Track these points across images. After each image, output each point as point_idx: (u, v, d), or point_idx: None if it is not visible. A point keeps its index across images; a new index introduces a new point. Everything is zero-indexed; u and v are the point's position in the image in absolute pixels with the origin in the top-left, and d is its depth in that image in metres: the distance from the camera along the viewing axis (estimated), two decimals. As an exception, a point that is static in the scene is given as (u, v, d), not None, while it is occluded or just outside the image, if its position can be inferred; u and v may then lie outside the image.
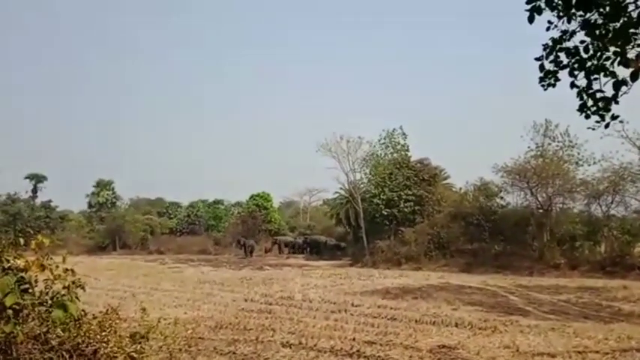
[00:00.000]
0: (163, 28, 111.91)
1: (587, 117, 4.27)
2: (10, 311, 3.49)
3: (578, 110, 4.27)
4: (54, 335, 3.60)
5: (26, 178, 57.83)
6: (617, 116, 4.22)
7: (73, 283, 3.87)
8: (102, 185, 61.24)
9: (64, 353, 3.52)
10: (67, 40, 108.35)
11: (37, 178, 58.32)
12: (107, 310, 4.05)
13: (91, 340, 3.74)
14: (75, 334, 3.67)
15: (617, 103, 4.06)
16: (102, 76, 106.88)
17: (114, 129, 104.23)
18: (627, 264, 24.81)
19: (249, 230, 51.25)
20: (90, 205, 61.74)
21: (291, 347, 9.48)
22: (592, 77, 4.13)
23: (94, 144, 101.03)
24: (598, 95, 4.14)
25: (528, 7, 4.14)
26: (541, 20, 4.23)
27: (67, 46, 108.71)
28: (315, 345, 9.60)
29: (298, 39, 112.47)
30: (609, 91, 4.07)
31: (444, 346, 9.56)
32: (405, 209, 36.22)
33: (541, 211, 29.95)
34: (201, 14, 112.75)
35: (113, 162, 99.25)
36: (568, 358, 8.71)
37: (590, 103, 4.21)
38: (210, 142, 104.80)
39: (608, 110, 4.17)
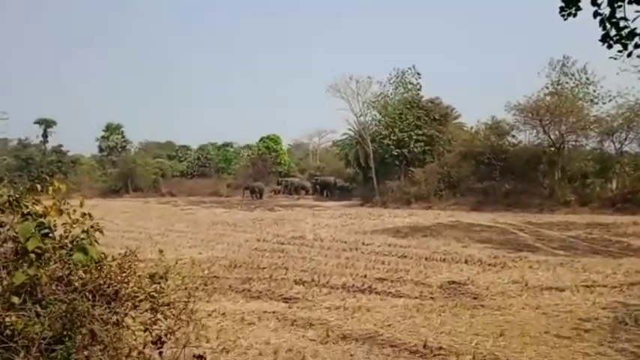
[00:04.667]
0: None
1: (610, 47, 4.11)
2: (32, 255, 3.58)
3: (601, 40, 4.10)
4: (76, 277, 3.70)
5: (35, 122, 57.79)
6: None
7: (92, 227, 3.94)
8: (111, 129, 61.26)
9: (87, 294, 3.62)
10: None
11: (47, 123, 58.23)
12: (126, 252, 4.14)
13: (112, 281, 3.84)
14: (96, 276, 3.76)
15: None
16: (109, 24, 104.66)
17: (119, 73, 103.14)
18: (638, 200, 24.82)
19: (260, 172, 51.53)
20: (100, 149, 62.04)
21: (304, 284, 9.71)
22: (616, 5, 3.95)
23: (101, 88, 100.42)
24: (622, 24, 3.98)
25: None
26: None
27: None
28: (327, 282, 9.83)
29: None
30: (631, 17, 3.92)
31: (453, 282, 9.76)
32: (416, 149, 36.09)
33: (553, 149, 29.73)
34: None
35: (121, 106, 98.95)
36: (576, 292, 8.86)
37: (613, 32, 4.05)
38: (220, 85, 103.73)
39: (632, 38, 4.02)
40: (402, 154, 36.23)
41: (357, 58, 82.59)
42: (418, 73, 38.01)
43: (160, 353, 3.94)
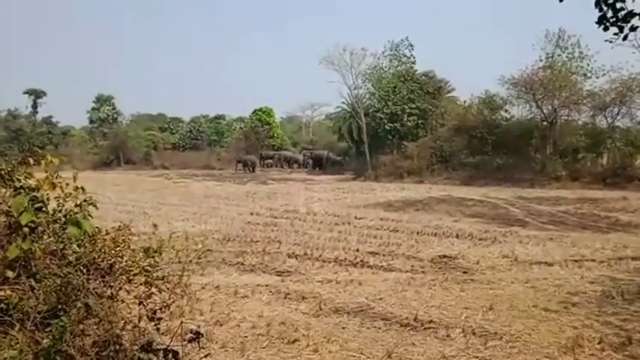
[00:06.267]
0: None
1: (606, 29, 4.11)
2: (26, 229, 3.58)
3: (597, 22, 4.09)
4: (70, 251, 3.70)
5: (25, 93, 56.72)
6: (637, 27, 4.05)
7: (85, 201, 3.93)
8: (102, 100, 60.46)
9: (82, 268, 3.63)
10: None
11: (36, 94, 57.17)
12: (119, 226, 4.14)
13: (106, 255, 3.84)
14: (90, 250, 3.76)
15: None
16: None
17: (111, 44, 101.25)
18: (628, 175, 25.12)
19: (252, 146, 51.32)
20: (91, 121, 61.35)
21: (297, 258, 9.78)
22: None
23: (92, 59, 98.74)
24: (618, 5, 3.95)
25: None
26: None
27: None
28: (320, 256, 9.90)
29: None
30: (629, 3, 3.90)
31: (444, 256, 9.86)
32: (409, 123, 36.03)
33: (545, 123, 29.82)
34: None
35: (111, 77, 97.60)
36: (565, 267, 9.00)
37: (609, 14, 4.03)
38: (213, 58, 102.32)
39: (628, 21, 4.00)
40: (394, 129, 36.17)
41: (351, 25, 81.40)
42: (411, 45, 37.72)
43: (158, 329, 3.98)
